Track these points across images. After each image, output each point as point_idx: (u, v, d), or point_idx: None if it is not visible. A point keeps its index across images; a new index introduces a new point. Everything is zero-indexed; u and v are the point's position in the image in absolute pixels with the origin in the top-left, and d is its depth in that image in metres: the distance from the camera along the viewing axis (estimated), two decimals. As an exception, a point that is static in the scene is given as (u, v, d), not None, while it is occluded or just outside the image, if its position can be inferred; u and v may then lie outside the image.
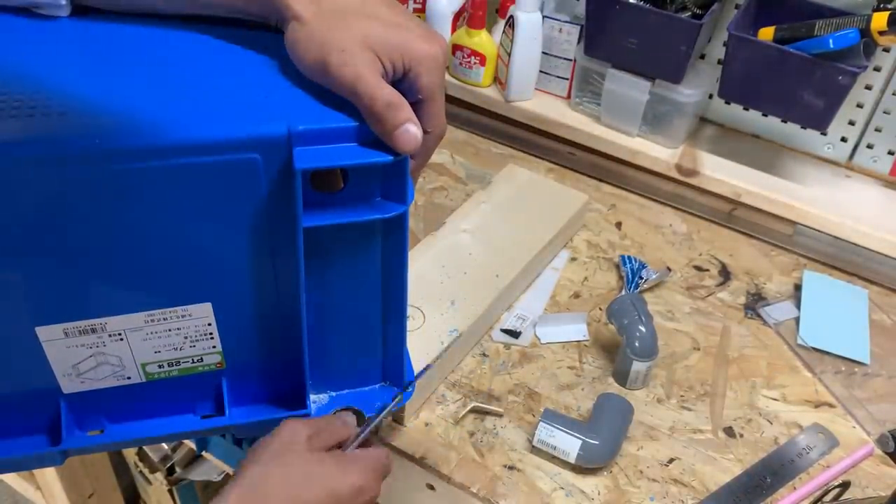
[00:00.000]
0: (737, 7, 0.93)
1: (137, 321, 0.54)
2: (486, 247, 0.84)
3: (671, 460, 0.70)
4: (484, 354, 0.78)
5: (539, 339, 0.80)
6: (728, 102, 0.99)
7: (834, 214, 0.91)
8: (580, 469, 0.69)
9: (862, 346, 0.81)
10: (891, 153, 0.94)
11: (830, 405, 0.76)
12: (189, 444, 1.11)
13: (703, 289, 0.88)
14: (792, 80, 0.85)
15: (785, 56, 0.84)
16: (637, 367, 0.74)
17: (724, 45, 0.91)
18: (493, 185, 0.93)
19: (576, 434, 0.67)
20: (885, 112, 0.92)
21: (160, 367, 0.57)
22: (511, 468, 0.69)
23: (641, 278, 0.85)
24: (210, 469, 1.21)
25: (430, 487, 0.70)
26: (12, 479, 1.40)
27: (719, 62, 0.97)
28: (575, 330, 0.81)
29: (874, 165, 0.96)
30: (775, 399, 0.76)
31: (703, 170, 0.96)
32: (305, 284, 0.53)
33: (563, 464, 0.69)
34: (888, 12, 0.79)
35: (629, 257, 0.88)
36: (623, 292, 0.84)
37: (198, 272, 0.53)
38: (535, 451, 0.70)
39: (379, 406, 0.61)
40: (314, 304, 0.55)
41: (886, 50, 0.89)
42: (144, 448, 1.21)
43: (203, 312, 0.55)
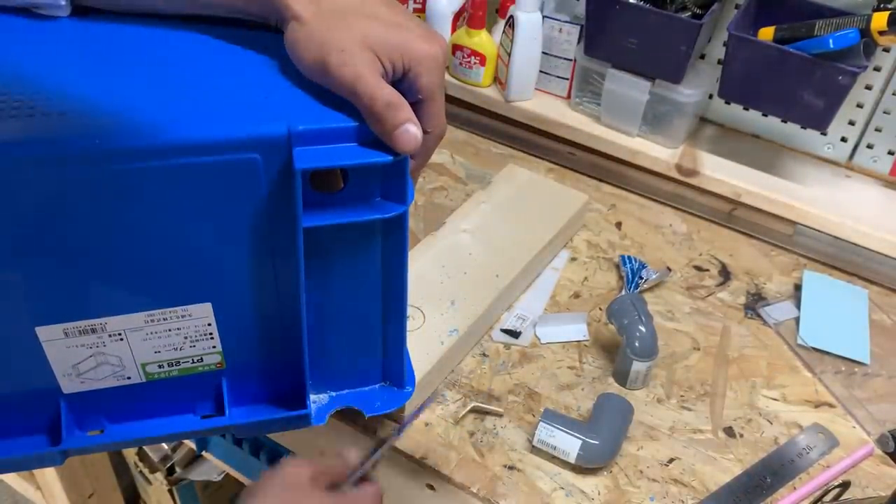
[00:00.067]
0: (737, 7, 0.93)
1: (137, 321, 0.54)
2: (486, 247, 0.84)
3: (671, 460, 0.70)
4: (484, 354, 0.78)
5: (539, 339, 0.80)
6: (728, 102, 0.99)
7: (834, 214, 0.91)
8: (580, 469, 0.69)
9: (862, 346, 0.81)
10: (891, 153, 0.94)
11: (830, 405, 0.76)
12: (189, 444, 1.11)
13: (703, 289, 0.88)
14: (792, 80, 0.85)
15: (785, 56, 0.84)
16: (637, 367, 0.74)
17: (724, 45, 0.91)
18: (493, 185, 0.93)
19: (576, 434, 0.67)
20: (885, 112, 0.92)
21: (160, 367, 0.57)
22: (511, 468, 0.69)
23: (641, 278, 0.85)
24: (210, 469, 1.20)
25: (430, 487, 0.70)
26: (12, 479, 1.40)
27: (719, 62, 0.96)
28: (575, 330, 0.81)
29: (874, 165, 0.96)
30: (775, 399, 0.76)
31: (703, 170, 0.96)
32: (305, 284, 0.53)
33: (563, 464, 0.69)
34: (888, 12, 0.79)
35: (629, 257, 0.88)
36: (623, 292, 0.84)
37: (198, 272, 0.53)
38: (535, 451, 0.70)
39: (380, 439, 0.63)
40: (314, 304, 0.55)
41: (886, 50, 0.89)
42: (144, 448, 1.21)
43: (203, 312, 0.55)
